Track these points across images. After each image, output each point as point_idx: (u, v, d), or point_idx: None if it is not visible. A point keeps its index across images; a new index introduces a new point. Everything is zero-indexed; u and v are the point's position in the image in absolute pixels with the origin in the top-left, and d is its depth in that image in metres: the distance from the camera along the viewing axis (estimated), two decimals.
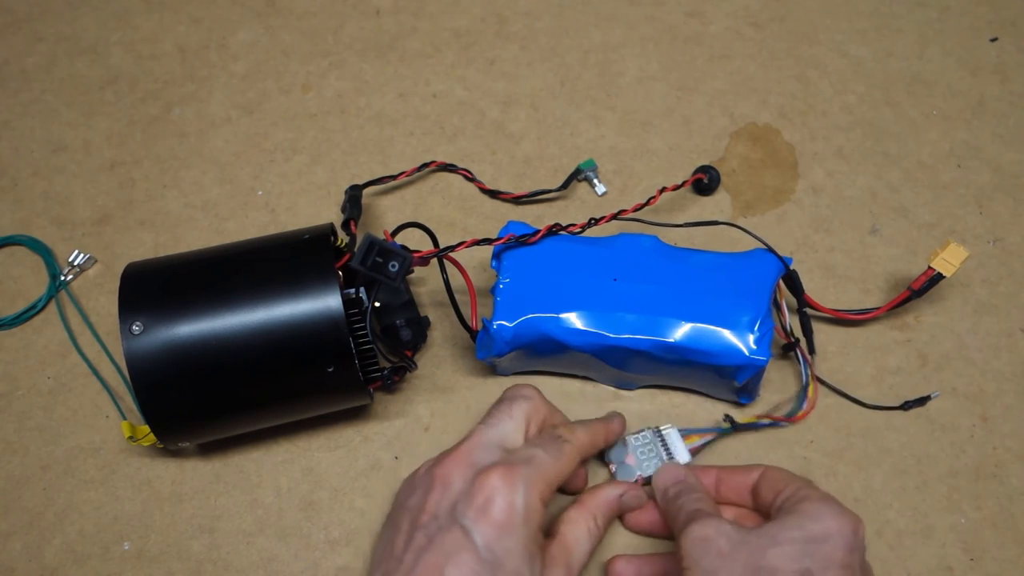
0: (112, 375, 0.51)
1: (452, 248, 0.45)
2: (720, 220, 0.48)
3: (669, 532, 0.42)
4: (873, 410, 0.49)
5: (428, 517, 0.37)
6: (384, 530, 0.41)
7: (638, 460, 0.45)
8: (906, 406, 0.49)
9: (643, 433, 0.46)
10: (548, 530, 0.41)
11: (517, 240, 0.46)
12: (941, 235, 0.55)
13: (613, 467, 0.46)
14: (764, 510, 0.41)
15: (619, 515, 0.44)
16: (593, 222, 0.48)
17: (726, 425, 0.46)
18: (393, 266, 0.41)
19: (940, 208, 0.56)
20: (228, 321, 0.41)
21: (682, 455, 0.45)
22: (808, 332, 0.49)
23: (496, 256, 0.47)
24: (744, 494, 0.43)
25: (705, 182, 0.56)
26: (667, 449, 0.46)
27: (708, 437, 0.47)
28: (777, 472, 0.42)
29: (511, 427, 0.41)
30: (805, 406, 0.47)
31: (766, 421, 0.47)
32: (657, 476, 0.44)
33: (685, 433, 0.46)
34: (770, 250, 0.46)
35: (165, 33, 0.66)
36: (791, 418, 0.47)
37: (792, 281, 0.48)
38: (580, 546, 0.40)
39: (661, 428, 0.46)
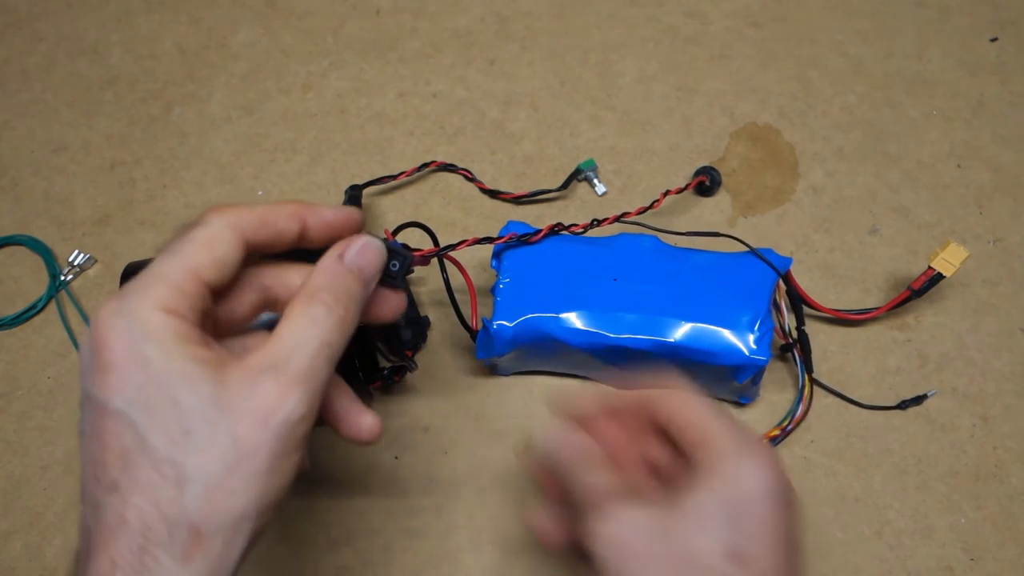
0: None
1: (452, 247, 0.45)
2: (720, 232, 0.48)
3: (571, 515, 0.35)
4: (873, 410, 0.49)
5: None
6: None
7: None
8: (903, 405, 0.49)
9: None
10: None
11: (518, 239, 0.46)
12: (941, 235, 0.55)
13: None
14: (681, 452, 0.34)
15: (365, 288, 0.32)
16: (596, 223, 0.48)
17: None
18: (394, 265, 0.41)
19: (940, 208, 0.56)
20: None
21: None
22: (807, 351, 0.48)
23: (496, 256, 0.47)
24: (653, 428, 0.35)
25: (707, 184, 0.56)
26: None
27: None
28: (687, 411, 0.33)
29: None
30: (801, 408, 0.47)
31: (778, 436, 0.47)
32: (545, 444, 0.35)
33: None
34: (771, 267, 0.46)
35: (165, 33, 0.66)
36: (791, 421, 0.47)
37: (792, 298, 0.48)
38: (300, 343, 0.29)
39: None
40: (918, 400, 0.49)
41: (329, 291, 0.30)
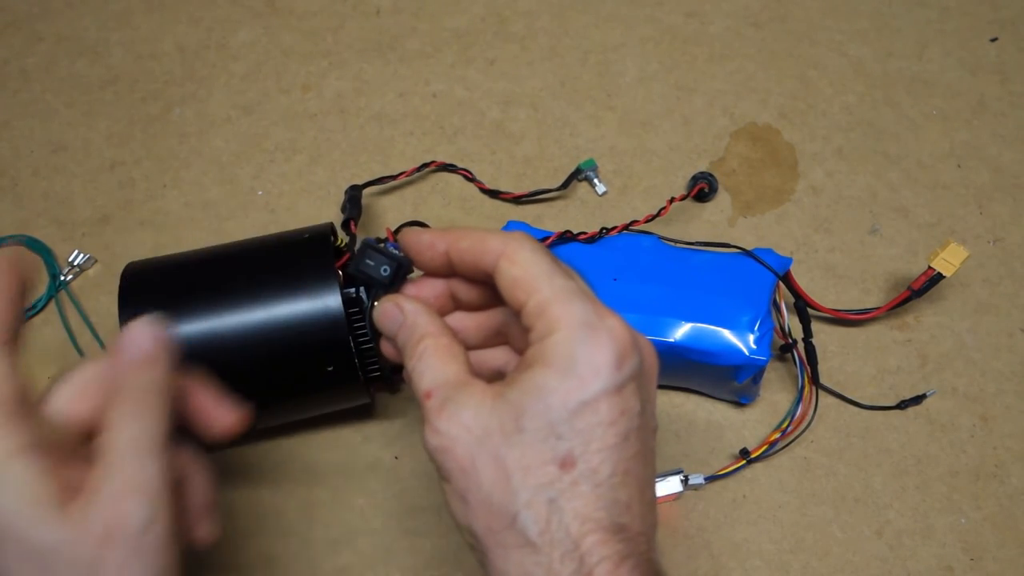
0: None
1: None
2: (732, 244, 0.47)
3: None
4: (873, 410, 0.49)
5: None
6: None
7: None
8: (902, 405, 0.48)
9: (670, 478, 0.45)
10: None
11: None
12: (941, 235, 0.55)
13: None
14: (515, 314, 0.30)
15: (144, 355, 0.32)
16: (604, 231, 0.48)
17: (742, 462, 0.46)
18: (384, 270, 0.41)
19: (940, 208, 0.56)
20: (228, 321, 0.41)
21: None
22: (813, 364, 0.48)
23: None
24: (482, 278, 0.32)
25: (706, 191, 0.56)
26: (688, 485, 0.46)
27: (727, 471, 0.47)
28: (516, 266, 0.29)
29: None
30: (800, 409, 0.47)
31: (778, 444, 0.47)
32: (377, 315, 0.34)
33: (710, 479, 0.46)
34: (778, 276, 0.46)
35: (165, 33, 0.66)
36: (792, 422, 0.47)
37: (799, 311, 0.48)
38: (110, 447, 0.29)
39: (690, 477, 0.46)
40: (918, 400, 0.49)
41: (120, 393, 0.30)
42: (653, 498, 0.30)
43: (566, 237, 0.47)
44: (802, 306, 0.48)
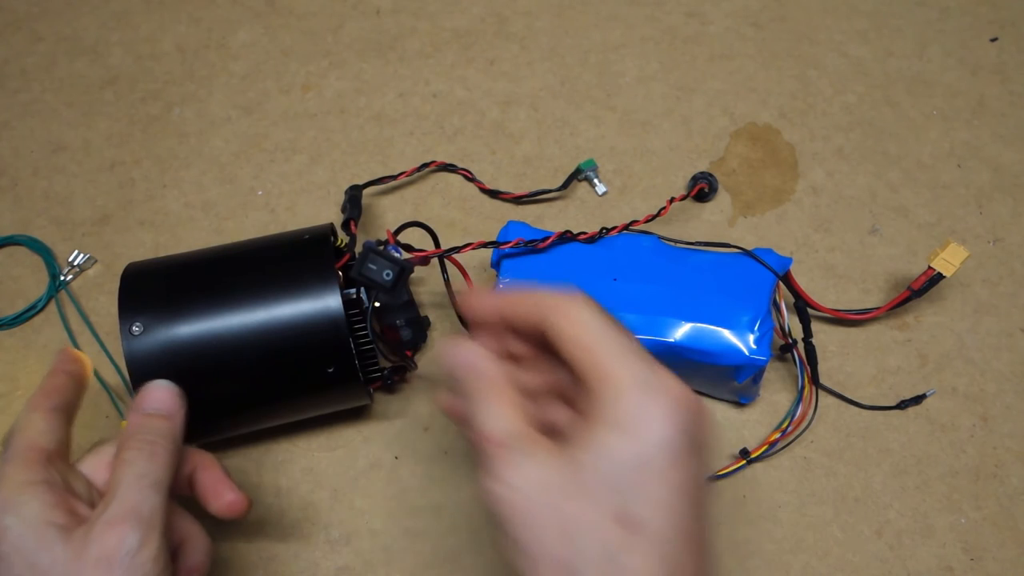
0: (112, 375, 0.51)
1: (457, 250, 0.45)
2: (731, 244, 0.47)
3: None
4: (873, 410, 0.49)
5: None
6: None
7: None
8: (902, 405, 0.49)
9: None
10: None
11: (526, 245, 0.46)
12: (941, 235, 0.55)
13: None
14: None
15: (165, 410, 0.38)
16: (604, 231, 0.48)
17: (741, 463, 0.46)
18: (387, 274, 0.41)
19: (940, 208, 0.56)
20: (228, 321, 0.41)
21: None
22: (813, 363, 0.48)
23: (496, 257, 0.47)
24: (535, 333, 0.32)
25: (706, 191, 0.56)
26: None
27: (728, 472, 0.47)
28: (570, 324, 0.30)
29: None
30: (800, 409, 0.47)
31: (778, 444, 0.47)
32: (444, 350, 0.33)
33: (711, 479, 0.46)
34: (777, 276, 0.46)
35: (165, 33, 0.66)
36: (792, 422, 0.47)
37: (799, 311, 0.48)
38: (118, 482, 0.33)
39: None
40: (917, 400, 0.49)
41: (133, 437, 0.35)
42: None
43: (566, 237, 0.47)
44: (802, 306, 0.48)
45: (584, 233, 0.48)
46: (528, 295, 0.32)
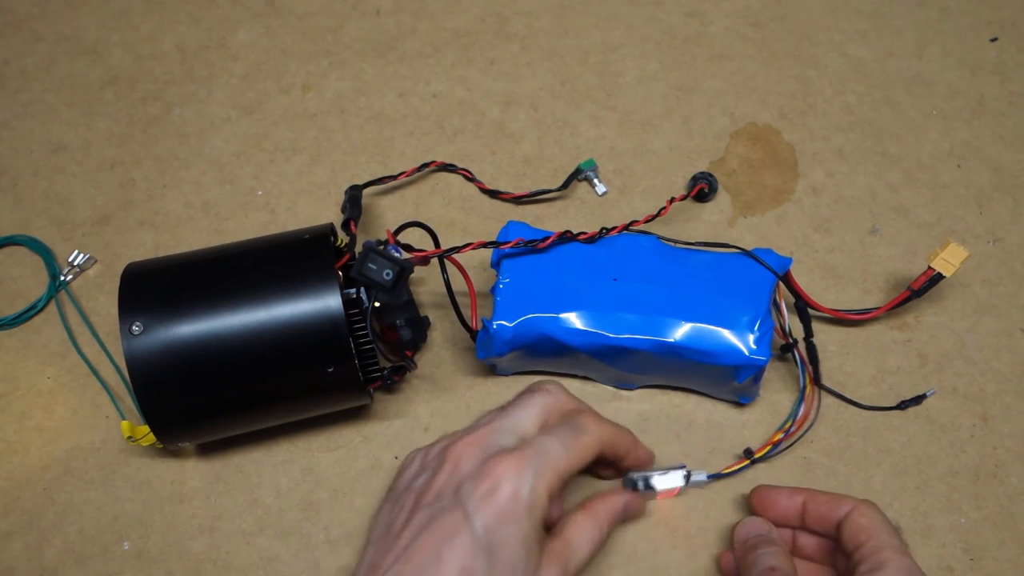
0: (112, 375, 0.51)
1: (457, 250, 0.45)
2: (731, 244, 0.47)
3: None
4: (873, 411, 0.49)
5: (432, 496, 0.38)
6: (384, 505, 0.41)
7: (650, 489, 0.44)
8: (902, 406, 0.48)
9: (671, 474, 0.44)
10: (553, 528, 0.40)
11: (526, 244, 0.46)
12: (941, 235, 0.55)
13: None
14: (846, 554, 0.40)
15: (622, 522, 0.43)
16: (604, 231, 0.48)
17: (745, 463, 0.46)
18: (387, 274, 0.41)
19: (940, 208, 0.56)
20: (228, 321, 0.41)
21: (700, 476, 0.45)
22: (815, 362, 0.48)
23: (496, 257, 0.47)
24: (829, 527, 0.41)
25: (706, 191, 0.56)
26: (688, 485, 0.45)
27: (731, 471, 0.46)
28: (865, 517, 0.40)
29: (528, 416, 0.40)
30: (803, 410, 0.47)
31: (781, 444, 0.47)
32: (739, 528, 0.43)
33: (713, 477, 0.45)
34: (777, 276, 0.46)
35: (165, 33, 0.66)
36: (795, 422, 0.47)
37: (800, 311, 0.48)
38: (581, 548, 0.39)
39: (692, 473, 0.44)
40: (917, 400, 0.49)
41: (608, 522, 0.41)
42: None
43: (566, 237, 0.47)
44: (802, 306, 0.48)
45: (584, 233, 0.48)
46: (829, 501, 0.41)
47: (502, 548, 0.35)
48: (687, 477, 0.44)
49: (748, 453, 0.46)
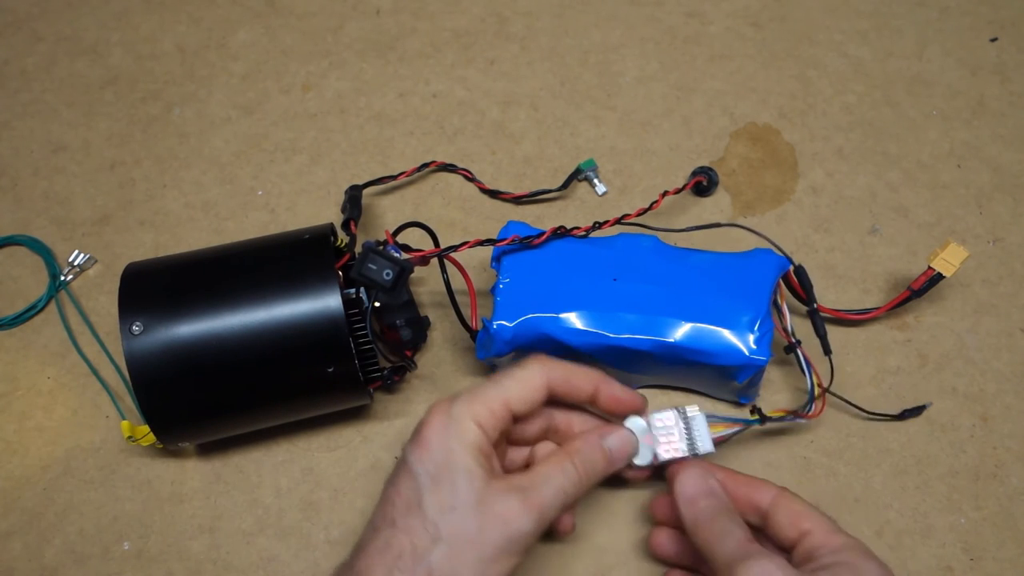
0: (112, 375, 0.51)
1: (454, 248, 0.45)
2: (722, 222, 0.48)
3: (692, 552, 0.41)
4: (873, 416, 0.49)
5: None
6: None
7: (656, 441, 0.42)
8: (903, 415, 0.48)
9: (667, 413, 0.42)
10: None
11: (521, 242, 0.46)
12: (941, 235, 0.55)
13: None
14: (776, 541, 0.39)
15: (608, 468, 0.41)
16: (597, 226, 0.48)
17: (754, 417, 0.44)
18: (387, 274, 0.42)
19: (940, 208, 0.56)
20: (228, 321, 0.41)
21: (706, 444, 0.42)
22: (822, 332, 0.47)
23: (496, 256, 0.47)
24: (750, 512, 0.40)
25: (704, 184, 0.56)
26: (690, 435, 0.42)
27: (735, 428, 0.44)
28: (795, 504, 0.39)
29: (512, 387, 0.39)
30: (814, 407, 0.46)
31: (790, 416, 0.45)
32: (683, 482, 0.40)
33: (711, 420, 0.43)
34: (776, 248, 0.46)
35: (165, 33, 0.66)
36: (806, 415, 0.46)
37: (800, 278, 0.47)
38: (547, 482, 0.38)
39: (687, 409, 0.42)
40: (917, 411, 0.48)
41: (581, 457, 0.39)
42: None
43: (559, 232, 0.47)
44: (813, 310, 0.47)
45: (578, 228, 0.48)
46: (750, 485, 0.41)
47: (437, 473, 0.36)
48: (683, 416, 0.42)
49: (757, 411, 0.44)
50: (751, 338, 0.43)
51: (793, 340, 0.48)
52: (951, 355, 0.51)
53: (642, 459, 0.42)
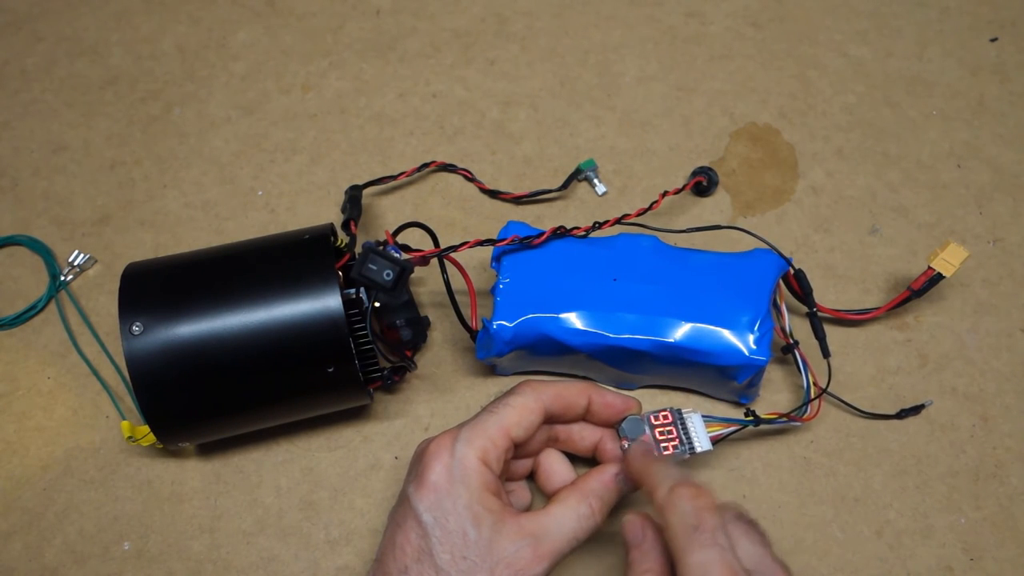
0: (112, 375, 0.51)
1: (454, 248, 0.45)
2: (722, 224, 0.48)
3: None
4: (872, 419, 0.49)
5: (398, 499, 0.40)
6: None
7: (654, 441, 0.42)
8: (901, 415, 0.48)
9: (663, 413, 0.43)
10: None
11: (521, 242, 0.46)
12: (941, 235, 0.55)
13: (626, 443, 0.42)
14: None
15: (619, 497, 0.41)
16: (597, 226, 0.48)
17: (748, 418, 0.45)
18: (387, 274, 0.42)
19: (940, 208, 0.56)
20: (228, 321, 0.41)
21: (704, 443, 0.42)
22: (821, 335, 0.48)
23: (496, 256, 0.47)
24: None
25: (704, 184, 0.56)
26: (688, 434, 0.42)
27: (731, 428, 0.44)
28: (607, 396, 0.42)
29: (510, 415, 0.40)
30: (810, 409, 0.46)
31: (783, 419, 0.46)
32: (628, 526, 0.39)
33: (707, 420, 0.43)
34: (774, 250, 0.46)
35: (165, 33, 0.66)
36: (800, 418, 0.46)
37: (800, 281, 0.48)
38: (560, 525, 0.38)
39: (683, 411, 0.43)
40: (916, 410, 0.48)
41: (597, 498, 0.40)
42: None
43: (559, 232, 0.47)
44: (814, 313, 0.48)
45: (578, 227, 0.48)
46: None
47: (445, 520, 0.36)
48: (680, 416, 0.42)
49: (751, 412, 0.45)
50: (751, 338, 0.43)
51: (791, 341, 0.48)
52: (951, 355, 0.51)
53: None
